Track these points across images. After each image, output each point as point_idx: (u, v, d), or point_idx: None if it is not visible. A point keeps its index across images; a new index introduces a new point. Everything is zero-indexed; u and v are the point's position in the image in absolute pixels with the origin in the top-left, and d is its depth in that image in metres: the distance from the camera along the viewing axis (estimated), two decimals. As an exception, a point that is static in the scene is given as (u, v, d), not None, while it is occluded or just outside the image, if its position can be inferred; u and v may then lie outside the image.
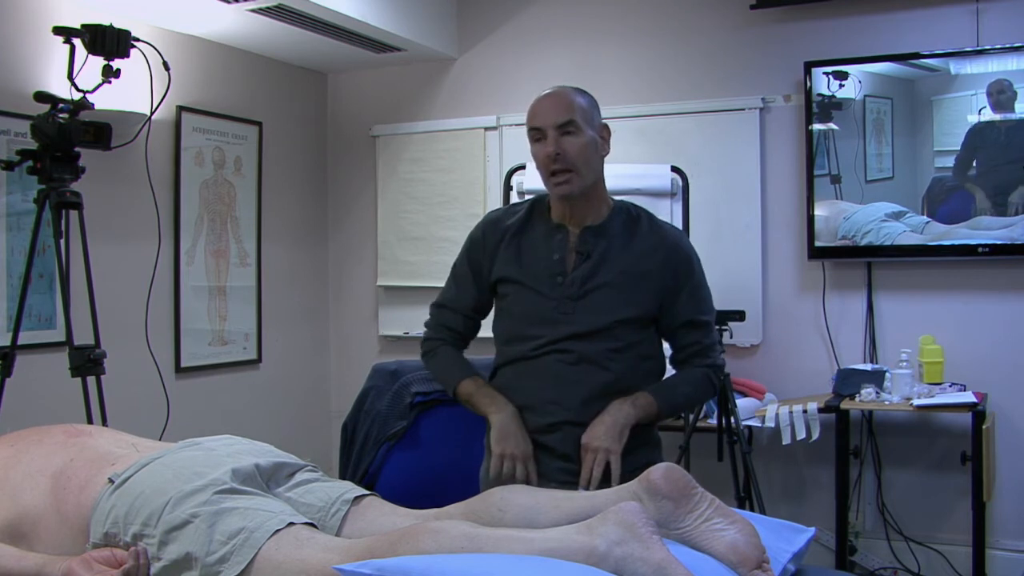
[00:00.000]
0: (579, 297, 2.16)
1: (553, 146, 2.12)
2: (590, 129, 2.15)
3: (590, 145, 2.15)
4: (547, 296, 2.18)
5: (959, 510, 3.76)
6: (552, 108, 2.15)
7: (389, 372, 2.97)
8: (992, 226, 3.69)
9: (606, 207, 2.24)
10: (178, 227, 4.17)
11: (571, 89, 2.20)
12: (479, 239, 2.29)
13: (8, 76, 3.47)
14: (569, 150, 2.12)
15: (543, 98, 2.19)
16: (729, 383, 3.49)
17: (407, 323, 4.87)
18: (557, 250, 2.20)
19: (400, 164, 4.88)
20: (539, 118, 2.16)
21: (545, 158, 2.14)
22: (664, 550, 1.45)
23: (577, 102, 2.16)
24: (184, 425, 3.26)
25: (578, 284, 2.17)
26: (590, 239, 2.19)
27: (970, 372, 3.71)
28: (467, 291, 2.32)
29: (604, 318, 2.15)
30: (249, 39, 4.33)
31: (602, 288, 2.16)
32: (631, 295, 2.17)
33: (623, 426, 2.09)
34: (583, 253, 2.18)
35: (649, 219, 2.26)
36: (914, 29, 3.88)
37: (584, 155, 2.14)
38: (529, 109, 2.19)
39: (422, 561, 1.42)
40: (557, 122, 2.12)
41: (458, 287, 2.33)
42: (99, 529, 1.72)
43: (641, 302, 2.17)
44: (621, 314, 2.15)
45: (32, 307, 3.47)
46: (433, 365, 2.35)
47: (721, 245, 4.09)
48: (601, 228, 2.20)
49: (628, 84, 4.38)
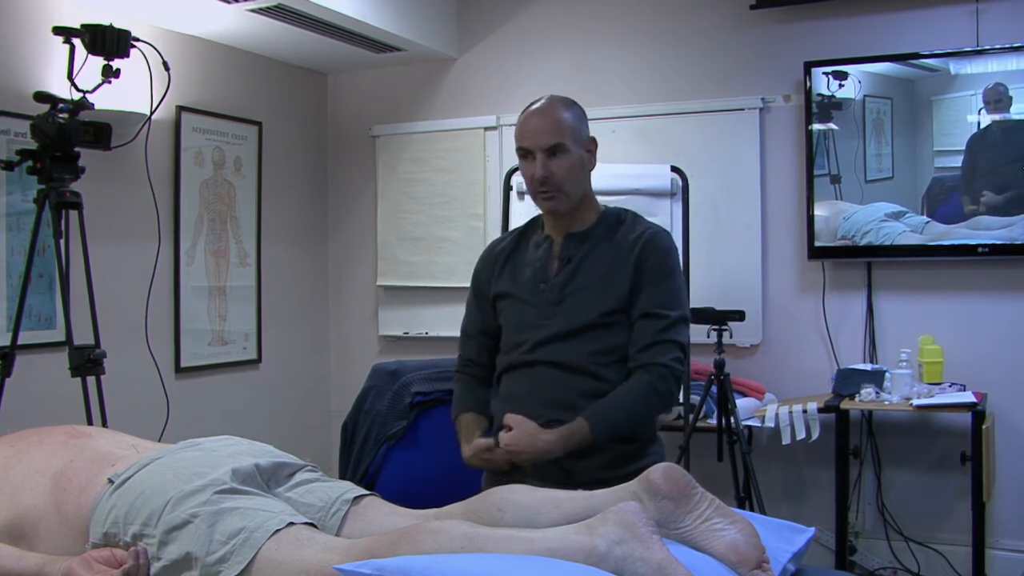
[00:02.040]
0: (559, 302, 2.19)
1: (542, 169, 2.16)
2: (577, 148, 2.19)
3: (576, 165, 2.19)
4: (531, 303, 2.23)
5: (959, 510, 3.76)
6: (541, 130, 2.18)
7: (389, 372, 2.97)
8: (992, 226, 3.69)
9: (594, 214, 2.27)
10: (178, 227, 4.17)
11: (559, 103, 2.21)
12: (479, 268, 2.41)
13: (8, 76, 3.47)
14: (557, 172, 2.16)
15: (532, 115, 2.21)
16: (729, 383, 3.49)
17: (407, 323, 4.87)
18: (543, 258, 2.25)
19: (400, 164, 4.88)
20: (528, 139, 2.20)
21: (532, 179, 2.19)
22: (664, 550, 1.45)
23: (566, 121, 2.18)
24: (184, 425, 3.26)
25: (558, 289, 2.20)
26: (573, 246, 2.23)
27: (970, 372, 3.71)
28: (476, 315, 2.40)
29: (581, 317, 2.17)
30: (249, 39, 4.33)
31: (581, 290, 2.19)
32: (606, 289, 2.18)
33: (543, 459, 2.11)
34: (564, 259, 2.22)
35: (633, 218, 2.27)
36: (914, 29, 3.88)
37: (572, 176, 2.18)
38: (518, 125, 2.22)
39: (422, 561, 1.42)
40: (546, 145, 2.16)
41: (470, 312, 2.43)
42: (99, 529, 1.72)
43: (614, 295, 2.17)
44: (597, 309, 2.16)
45: (32, 307, 3.47)
46: (454, 397, 2.44)
47: (721, 245, 4.09)
48: (585, 234, 2.24)
49: (628, 84, 4.39)
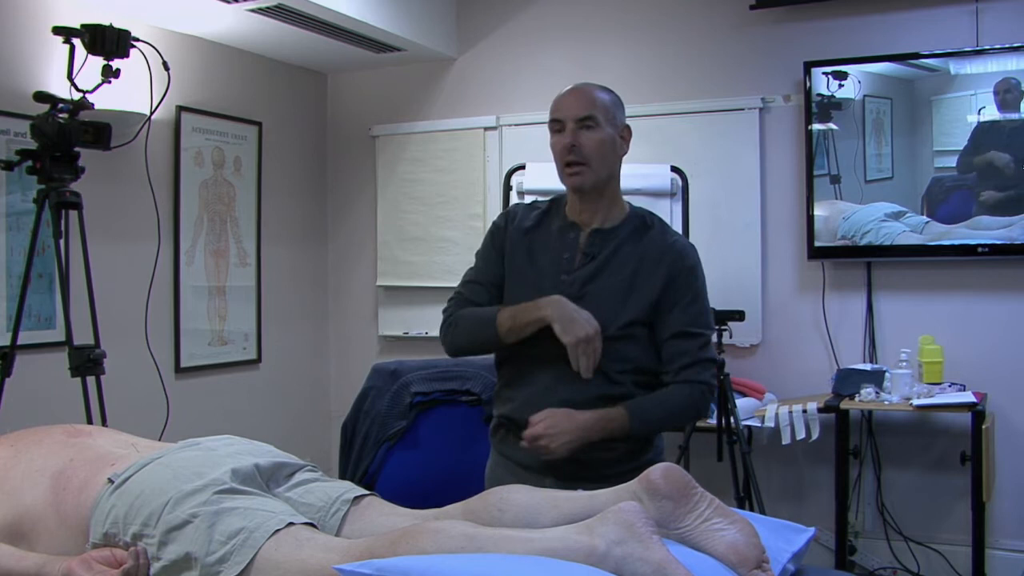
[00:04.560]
0: (578, 297, 2.15)
1: (570, 137, 2.16)
2: (610, 127, 2.18)
3: (607, 142, 2.18)
4: (548, 293, 2.17)
5: (959, 510, 3.76)
6: (574, 102, 2.19)
7: (389, 372, 2.98)
8: (992, 226, 3.69)
9: (620, 211, 2.25)
10: (178, 227, 4.17)
11: (596, 86, 2.24)
12: (502, 226, 2.31)
13: (8, 76, 3.47)
14: (585, 144, 2.16)
15: (567, 92, 2.23)
16: (729, 383, 3.49)
17: (407, 323, 4.87)
18: (567, 248, 2.21)
19: (400, 164, 4.88)
20: (560, 110, 2.20)
21: (562, 149, 2.18)
22: (664, 550, 1.45)
23: (600, 99, 2.20)
24: (184, 425, 3.25)
25: (579, 284, 2.17)
26: (598, 241, 2.20)
27: (970, 372, 3.71)
28: (493, 267, 2.29)
29: (601, 323, 2.13)
30: (249, 39, 4.33)
31: (602, 291, 2.16)
32: (628, 298, 2.16)
33: (578, 444, 2.07)
34: (589, 254, 2.19)
35: (662, 227, 2.26)
36: (914, 29, 3.88)
37: (600, 150, 2.17)
38: (552, 102, 2.23)
39: (422, 561, 1.42)
40: (577, 115, 2.16)
41: (485, 264, 2.31)
42: (99, 529, 1.72)
43: (636, 305, 2.16)
44: (618, 318, 2.15)
45: (32, 307, 3.47)
46: (462, 326, 2.25)
47: (721, 245, 4.09)
48: (611, 232, 2.21)
49: (628, 84, 4.37)
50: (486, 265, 2.31)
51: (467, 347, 2.28)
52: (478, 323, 2.22)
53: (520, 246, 2.26)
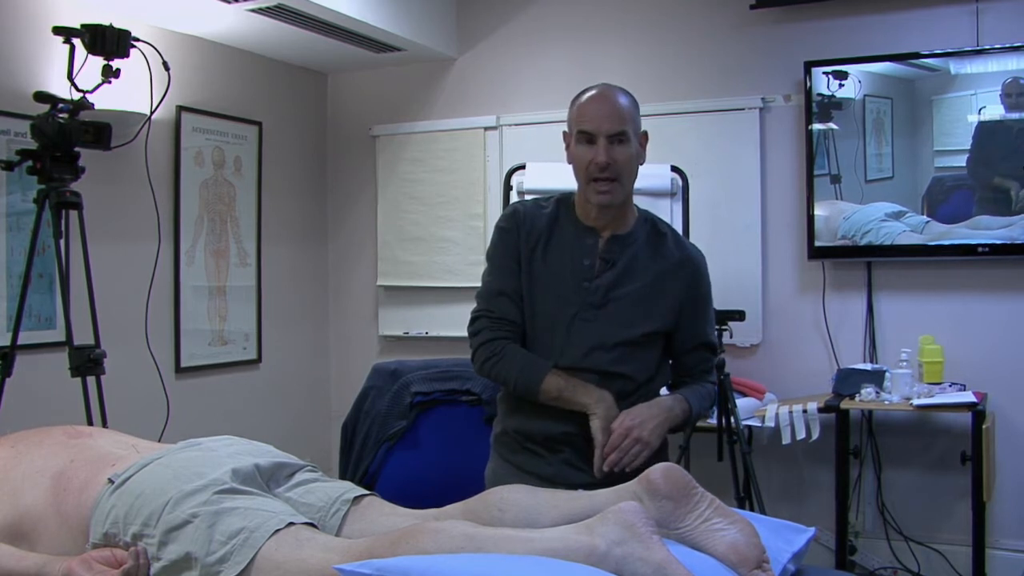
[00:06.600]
0: (601, 305, 2.15)
1: (605, 156, 2.08)
2: (635, 139, 2.14)
3: (635, 157, 2.14)
4: (570, 301, 2.15)
5: (959, 510, 3.76)
6: (607, 115, 2.10)
7: (389, 372, 2.98)
8: (992, 226, 3.68)
9: (631, 215, 2.24)
10: (178, 227, 4.17)
11: (619, 91, 2.16)
12: (512, 230, 2.21)
13: (8, 76, 3.47)
14: (619, 160, 2.09)
15: (595, 99, 2.13)
16: (729, 383, 3.48)
17: (407, 323, 4.87)
18: (587, 255, 2.18)
19: (400, 164, 4.88)
20: (592, 122, 2.10)
21: (591, 164, 2.09)
22: (664, 550, 1.45)
23: (628, 110, 2.13)
24: (184, 425, 3.26)
25: (602, 292, 2.15)
26: (616, 247, 2.18)
27: (970, 372, 3.71)
28: (514, 277, 2.19)
29: (623, 331, 2.14)
30: (249, 39, 4.33)
31: (624, 299, 2.16)
32: (651, 308, 2.17)
33: (666, 427, 2.12)
34: (608, 261, 2.17)
35: (675, 236, 2.27)
36: (914, 29, 3.88)
37: (629, 166, 2.13)
38: (577, 109, 2.14)
39: (422, 561, 1.42)
40: (611, 131, 2.09)
41: (507, 274, 2.20)
42: (99, 529, 1.72)
43: (660, 316, 2.18)
44: (641, 328, 2.16)
45: (32, 307, 3.47)
46: (504, 366, 2.16)
47: (721, 245, 4.08)
48: (628, 237, 2.20)
49: (627, 84, 4.26)
50: (508, 276, 2.20)
51: (503, 383, 2.22)
52: (525, 372, 2.14)
53: (536, 251, 2.19)
